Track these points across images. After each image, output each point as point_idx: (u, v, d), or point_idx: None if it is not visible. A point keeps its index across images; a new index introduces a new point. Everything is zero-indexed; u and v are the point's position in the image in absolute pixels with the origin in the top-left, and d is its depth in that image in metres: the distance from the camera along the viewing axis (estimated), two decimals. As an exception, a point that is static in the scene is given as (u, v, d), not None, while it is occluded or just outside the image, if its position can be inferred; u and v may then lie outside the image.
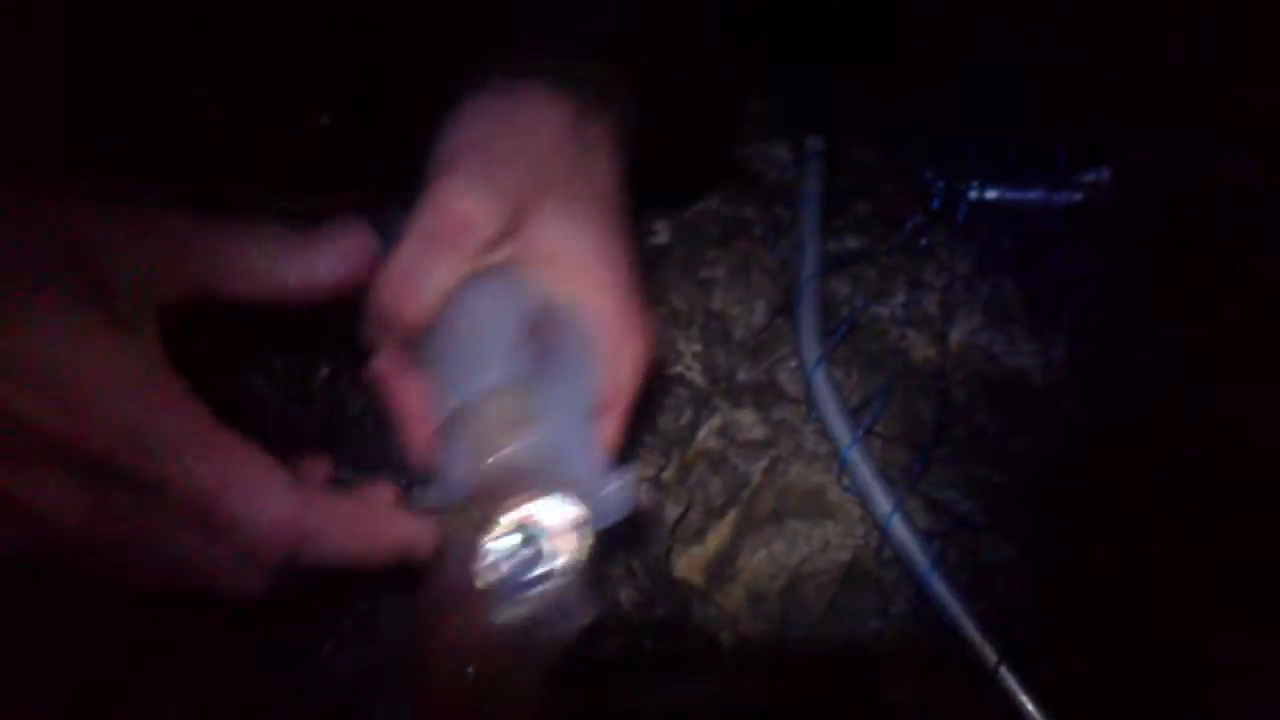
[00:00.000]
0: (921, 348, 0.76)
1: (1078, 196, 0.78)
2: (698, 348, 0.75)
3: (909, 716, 0.65)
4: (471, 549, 0.47)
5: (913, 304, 0.77)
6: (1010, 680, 0.62)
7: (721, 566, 0.69)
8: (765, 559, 0.69)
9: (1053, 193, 0.80)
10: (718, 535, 0.71)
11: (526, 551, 0.47)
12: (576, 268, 0.52)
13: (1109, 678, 0.63)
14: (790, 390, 0.74)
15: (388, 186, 0.56)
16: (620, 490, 0.49)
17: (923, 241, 0.78)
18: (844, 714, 0.66)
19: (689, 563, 0.69)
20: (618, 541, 0.65)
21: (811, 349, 0.73)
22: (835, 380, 0.72)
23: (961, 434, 0.71)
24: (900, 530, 0.67)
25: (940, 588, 0.65)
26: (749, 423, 0.74)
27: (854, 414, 0.71)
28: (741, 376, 0.75)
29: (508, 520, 0.47)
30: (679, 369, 0.74)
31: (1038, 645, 0.63)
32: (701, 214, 0.79)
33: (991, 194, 0.80)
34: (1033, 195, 0.81)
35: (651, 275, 0.76)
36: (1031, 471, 0.69)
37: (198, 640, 0.59)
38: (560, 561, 0.47)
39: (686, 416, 0.73)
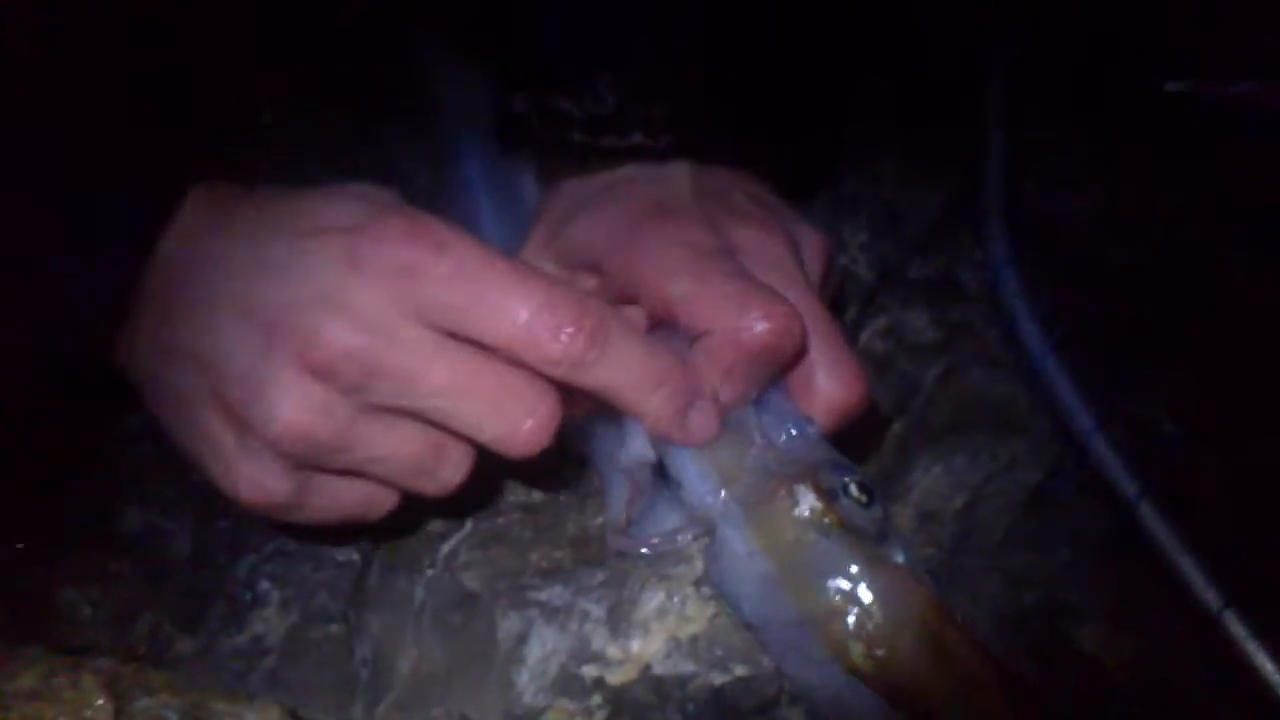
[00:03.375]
0: (1120, 250, 0.65)
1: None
2: (864, 238, 0.65)
3: (1104, 662, 0.55)
4: None
5: (1111, 201, 0.67)
6: (1236, 626, 0.52)
7: (886, 483, 0.60)
8: (940, 475, 0.60)
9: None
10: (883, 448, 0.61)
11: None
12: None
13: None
14: (971, 288, 0.64)
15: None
16: None
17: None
18: (1024, 654, 0.56)
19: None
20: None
21: (1000, 243, 0.63)
22: (1026, 280, 0.62)
23: (1169, 347, 0.61)
24: (1102, 450, 0.57)
25: (1150, 516, 0.55)
26: (921, 324, 0.64)
27: (1047, 319, 0.61)
28: (914, 273, 0.65)
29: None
30: (843, 260, 0.65)
31: (1269, 588, 0.53)
32: (873, 97, 0.69)
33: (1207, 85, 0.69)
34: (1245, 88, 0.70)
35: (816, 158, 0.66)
36: (1254, 392, 0.59)
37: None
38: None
39: (850, 313, 0.64)
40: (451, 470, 0.47)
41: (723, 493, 0.48)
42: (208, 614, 0.53)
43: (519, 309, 0.43)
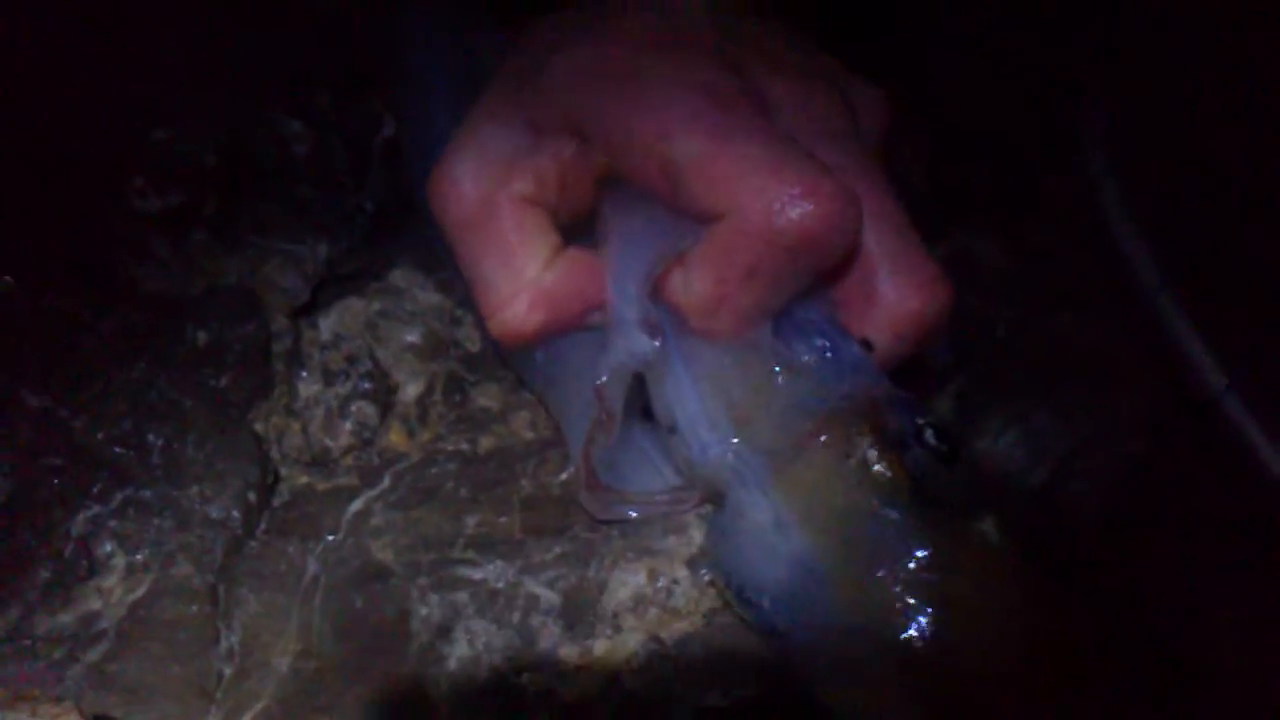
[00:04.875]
0: (1244, 159, 0.51)
1: None
2: (918, 140, 0.52)
3: (1251, 682, 0.42)
4: None
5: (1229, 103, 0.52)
6: None
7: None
8: (1016, 442, 0.47)
9: None
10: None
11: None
12: None
13: None
14: (1058, 206, 0.50)
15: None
16: None
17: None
18: (1144, 676, 0.42)
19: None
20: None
21: (1097, 147, 0.49)
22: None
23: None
24: (1235, 414, 0.43)
25: None
26: (993, 251, 0.51)
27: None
28: (982, 186, 0.51)
29: None
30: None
31: None
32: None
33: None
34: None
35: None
36: None
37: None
38: None
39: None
40: None
41: (735, 439, 0.34)
42: (23, 582, 0.39)
43: None
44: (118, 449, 0.41)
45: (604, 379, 0.35)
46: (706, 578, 0.36)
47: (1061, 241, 0.52)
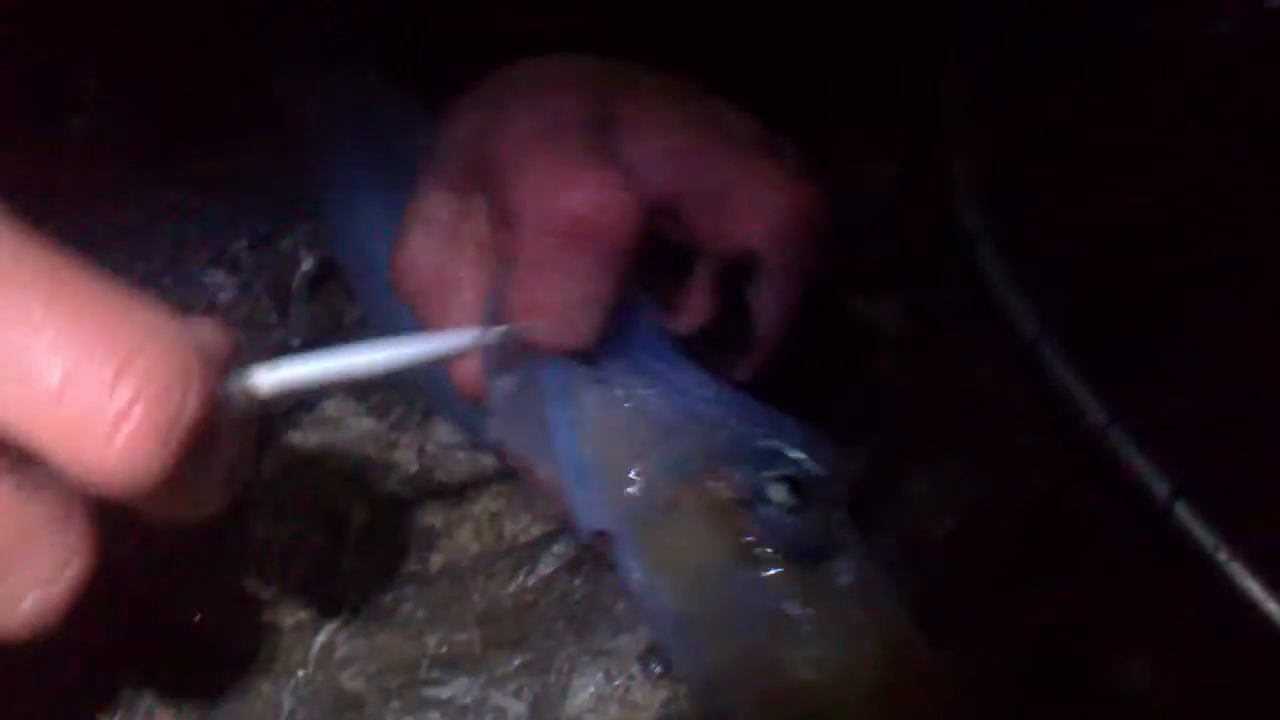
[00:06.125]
0: (1101, 213, 0.55)
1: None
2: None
3: (1153, 706, 0.45)
4: None
5: (1088, 161, 0.57)
6: None
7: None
8: (926, 492, 0.49)
9: None
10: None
11: None
12: None
13: None
14: (940, 266, 0.53)
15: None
16: None
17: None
18: (1055, 705, 0.46)
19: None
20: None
21: (972, 212, 0.52)
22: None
23: (1180, 322, 0.51)
24: (1122, 447, 0.47)
25: (1188, 521, 0.45)
26: (887, 310, 0.53)
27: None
28: (871, 251, 0.55)
29: None
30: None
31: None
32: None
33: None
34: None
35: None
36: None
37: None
38: None
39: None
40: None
41: (606, 501, 0.36)
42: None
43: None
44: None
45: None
46: (658, 669, 0.38)
47: (947, 298, 0.55)
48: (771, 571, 0.35)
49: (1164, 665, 0.46)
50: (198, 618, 0.42)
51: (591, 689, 0.38)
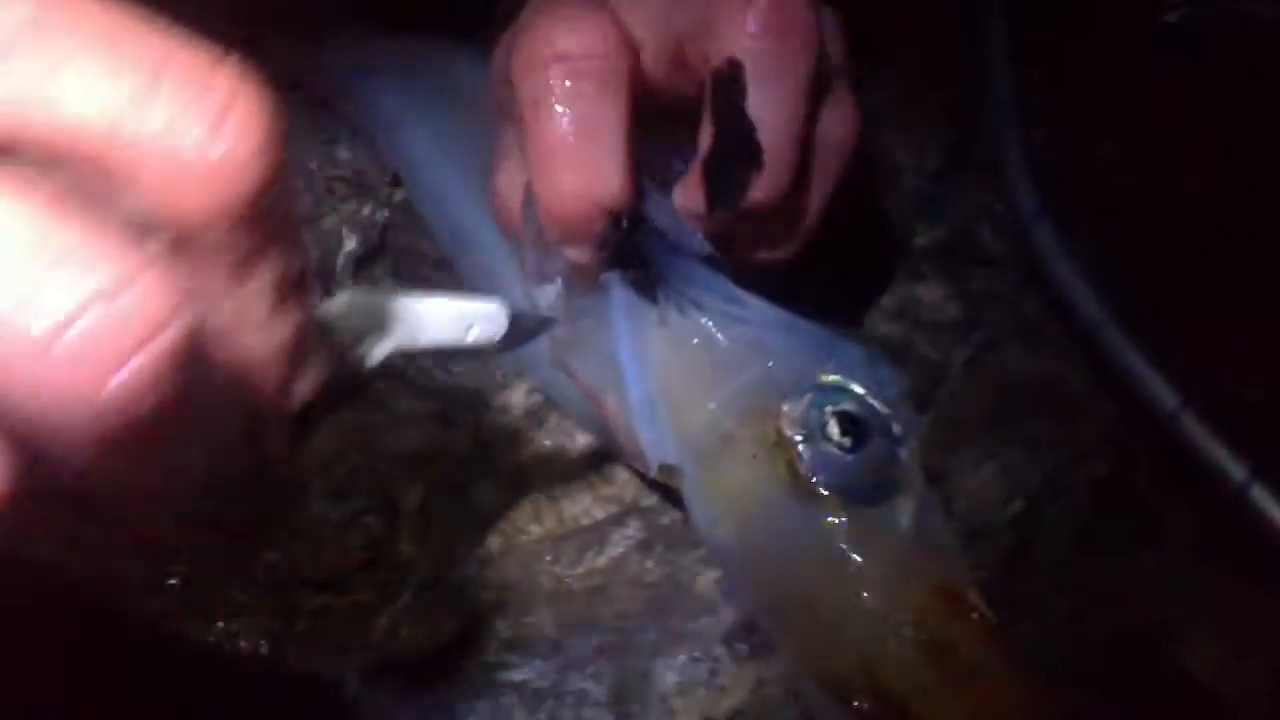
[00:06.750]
0: (1153, 196, 0.54)
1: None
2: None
3: (1224, 693, 0.44)
4: None
5: (1135, 144, 0.56)
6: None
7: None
8: (989, 478, 0.48)
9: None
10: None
11: None
12: None
13: None
14: (994, 250, 0.52)
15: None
16: None
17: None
18: (1118, 690, 0.45)
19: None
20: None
21: (1027, 193, 0.52)
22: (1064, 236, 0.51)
23: (1245, 302, 0.50)
24: (1194, 431, 0.46)
25: (1265, 503, 0.44)
26: (936, 298, 0.52)
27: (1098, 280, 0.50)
28: (921, 238, 0.53)
29: None
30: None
31: None
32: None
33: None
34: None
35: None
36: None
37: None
38: None
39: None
40: None
41: (672, 436, 0.35)
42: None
43: None
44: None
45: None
46: (744, 651, 0.37)
47: (1001, 283, 0.55)
48: (825, 510, 0.34)
49: (1235, 653, 0.45)
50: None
51: (676, 672, 0.37)
